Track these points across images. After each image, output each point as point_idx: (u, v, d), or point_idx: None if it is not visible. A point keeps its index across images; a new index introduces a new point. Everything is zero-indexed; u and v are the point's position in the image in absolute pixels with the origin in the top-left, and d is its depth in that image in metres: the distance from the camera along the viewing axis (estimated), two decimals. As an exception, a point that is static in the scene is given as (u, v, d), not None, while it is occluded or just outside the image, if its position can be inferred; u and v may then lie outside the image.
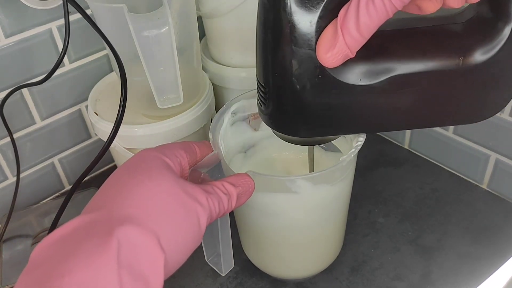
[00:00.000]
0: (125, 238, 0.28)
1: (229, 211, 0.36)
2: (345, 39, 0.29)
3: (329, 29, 0.30)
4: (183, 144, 0.38)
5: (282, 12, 0.31)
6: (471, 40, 0.33)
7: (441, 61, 0.33)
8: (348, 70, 0.33)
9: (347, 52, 0.30)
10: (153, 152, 0.35)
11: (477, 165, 0.61)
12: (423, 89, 0.34)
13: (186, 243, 0.32)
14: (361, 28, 0.29)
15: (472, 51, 0.33)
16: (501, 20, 0.31)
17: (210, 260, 0.44)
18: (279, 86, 0.34)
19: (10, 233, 0.59)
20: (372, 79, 0.33)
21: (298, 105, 0.34)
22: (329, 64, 0.31)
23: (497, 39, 0.32)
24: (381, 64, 0.33)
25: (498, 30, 0.32)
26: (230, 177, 0.37)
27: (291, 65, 0.32)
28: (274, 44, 0.32)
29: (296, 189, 0.42)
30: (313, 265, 0.51)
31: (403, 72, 0.33)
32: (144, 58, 0.48)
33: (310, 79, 0.33)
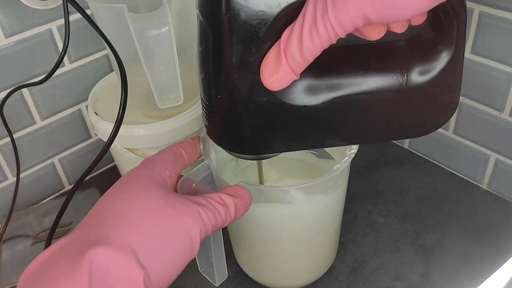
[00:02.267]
0: (97, 259, 0.27)
1: (227, 223, 0.35)
2: (288, 63, 0.29)
3: (272, 53, 0.30)
4: (170, 153, 0.38)
5: (222, 37, 0.30)
6: (413, 58, 0.33)
7: (385, 80, 0.33)
8: (293, 92, 0.33)
9: (291, 76, 0.30)
10: (141, 169, 0.36)
11: (477, 165, 0.61)
12: (367, 108, 0.34)
13: (173, 257, 0.31)
14: (304, 52, 0.29)
15: (414, 69, 0.33)
16: (442, 44, 0.32)
17: (203, 271, 0.43)
18: (222, 108, 0.34)
19: (10, 233, 0.59)
20: (317, 100, 0.33)
21: (243, 126, 0.34)
22: (274, 88, 0.31)
23: (436, 61, 0.32)
24: (325, 84, 0.33)
25: (438, 51, 0.32)
26: (228, 188, 0.37)
27: (234, 89, 0.32)
28: (216, 68, 0.32)
29: (289, 199, 0.42)
30: (307, 275, 0.51)
31: (348, 93, 0.33)
32: (144, 58, 0.48)
33: (254, 102, 0.32)
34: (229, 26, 0.29)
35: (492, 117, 0.56)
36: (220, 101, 0.33)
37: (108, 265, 0.28)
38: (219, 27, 0.30)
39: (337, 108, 0.34)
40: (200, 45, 0.32)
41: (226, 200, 0.35)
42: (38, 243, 0.58)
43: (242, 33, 0.30)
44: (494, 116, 0.56)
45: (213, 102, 0.34)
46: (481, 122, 0.57)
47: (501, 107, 0.55)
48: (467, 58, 0.55)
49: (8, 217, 0.58)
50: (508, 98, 0.53)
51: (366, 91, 0.33)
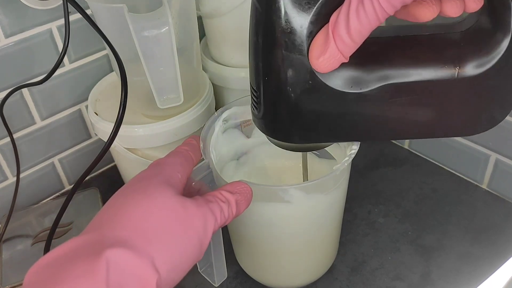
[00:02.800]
0: (114, 260, 0.27)
1: (230, 220, 0.36)
2: (336, 44, 0.29)
3: (320, 35, 0.30)
4: (180, 155, 0.38)
5: (274, 16, 0.30)
6: (468, 50, 0.32)
7: (436, 70, 0.32)
8: (339, 77, 0.32)
9: (339, 57, 0.29)
10: (152, 171, 0.35)
11: (477, 165, 0.61)
12: (416, 99, 0.33)
13: (184, 261, 0.31)
14: (352, 33, 0.28)
15: (468, 62, 0.32)
16: (500, 31, 0.31)
17: (203, 271, 0.43)
18: (269, 91, 0.34)
19: (10, 233, 0.59)
20: (363, 87, 0.32)
21: (289, 111, 0.34)
22: (322, 69, 0.30)
23: (495, 51, 0.31)
24: (373, 72, 0.32)
25: (496, 41, 0.31)
26: (227, 185, 0.37)
27: (282, 70, 0.32)
28: (265, 48, 0.32)
29: (288, 198, 0.41)
30: (307, 274, 0.51)
31: (396, 81, 0.32)
32: (144, 58, 0.48)
33: (301, 84, 0.32)
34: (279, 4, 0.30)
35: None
36: (267, 84, 0.33)
37: (125, 266, 0.28)
38: (270, 8, 0.30)
39: (385, 98, 0.33)
40: (252, 27, 0.33)
41: (227, 196, 0.35)
42: (38, 243, 0.58)
43: (292, 14, 0.30)
44: (494, 116, 0.56)
45: (261, 86, 0.34)
46: (481, 122, 0.57)
47: (501, 107, 0.55)
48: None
49: (8, 217, 0.58)
50: (508, 98, 0.53)
51: (415, 81, 0.32)
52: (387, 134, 0.36)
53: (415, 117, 0.34)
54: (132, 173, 0.60)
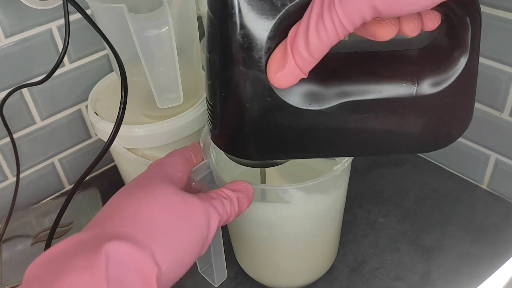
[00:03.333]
0: (113, 253, 0.27)
1: (233, 218, 0.36)
2: (295, 59, 0.28)
3: (279, 50, 0.29)
4: (181, 155, 0.38)
5: (230, 30, 0.30)
6: (426, 68, 0.32)
7: (395, 88, 0.32)
8: (298, 94, 0.32)
9: (298, 72, 0.29)
10: (154, 170, 0.35)
11: (477, 165, 0.61)
12: (375, 117, 0.33)
13: (186, 254, 0.31)
14: (311, 48, 0.28)
15: (427, 80, 0.32)
16: (458, 50, 0.31)
17: (203, 271, 0.43)
18: (226, 107, 0.33)
19: (10, 233, 0.59)
20: (323, 104, 0.32)
21: (247, 128, 0.33)
22: (280, 85, 0.30)
23: (452, 69, 0.31)
24: (332, 89, 0.32)
25: (453, 60, 0.31)
26: (228, 184, 0.37)
27: (239, 86, 0.31)
28: (221, 64, 0.31)
29: (288, 198, 0.41)
30: (307, 274, 0.51)
31: (355, 99, 0.32)
32: (144, 58, 0.48)
33: (259, 101, 0.32)
34: (235, 20, 0.29)
35: (492, 117, 0.56)
36: (223, 100, 0.33)
37: (124, 259, 0.28)
38: (226, 22, 0.29)
39: (344, 115, 0.32)
40: (207, 42, 0.32)
41: (228, 194, 0.36)
42: (38, 243, 0.58)
43: (249, 29, 0.29)
44: (494, 116, 0.56)
45: (217, 102, 0.33)
46: (481, 122, 0.57)
47: (501, 107, 0.55)
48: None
49: (8, 217, 0.58)
50: (508, 98, 0.53)
51: (374, 98, 0.32)
52: (346, 151, 0.36)
53: (375, 134, 0.34)
54: (132, 173, 0.60)
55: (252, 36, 0.29)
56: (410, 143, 0.35)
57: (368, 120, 0.33)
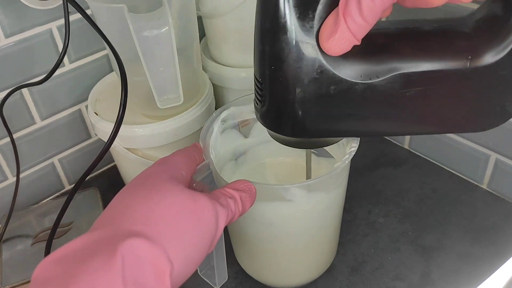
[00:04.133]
0: (128, 251, 0.27)
1: (237, 217, 0.36)
2: (347, 24, 0.28)
3: (331, 16, 0.29)
4: (184, 154, 0.38)
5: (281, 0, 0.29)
6: (480, 39, 0.31)
7: (447, 60, 0.31)
8: (348, 66, 0.31)
9: (350, 38, 0.28)
10: (158, 167, 0.35)
11: (477, 165, 0.61)
12: (427, 90, 0.32)
13: (196, 252, 0.32)
14: (363, 11, 0.27)
15: (480, 51, 0.31)
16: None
17: (203, 273, 0.43)
18: (276, 81, 0.32)
19: (10, 233, 0.59)
20: (374, 77, 0.31)
21: (296, 102, 0.33)
22: (332, 51, 0.29)
23: (507, 38, 0.30)
24: (383, 62, 0.31)
25: (508, 27, 0.30)
26: (231, 184, 0.37)
27: (289, 57, 0.31)
28: (272, 34, 0.31)
29: (290, 197, 0.42)
30: (307, 273, 0.51)
31: (406, 71, 0.31)
32: (144, 58, 0.48)
33: (308, 73, 0.31)
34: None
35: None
36: (273, 73, 0.32)
37: (140, 256, 0.28)
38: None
39: (395, 88, 0.31)
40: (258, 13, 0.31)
41: (232, 193, 0.36)
42: (38, 243, 0.58)
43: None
44: (494, 116, 0.56)
45: (266, 76, 0.32)
46: (481, 122, 0.57)
47: (501, 107, 0.55)
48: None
49: (8, 217, 0.58)
50: (508, 98, 0.53)
51: (425, 71, 0.31)
52: (397, 128, 0.35)
53: (426, 110, 0.33)
54: (132, 173, 0.60)
55: (304, 5, 0.29)
56: (463, 120, 0.34)
57: (420, 94, 0.32)
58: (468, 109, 0.33)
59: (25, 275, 0.54)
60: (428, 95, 0.32)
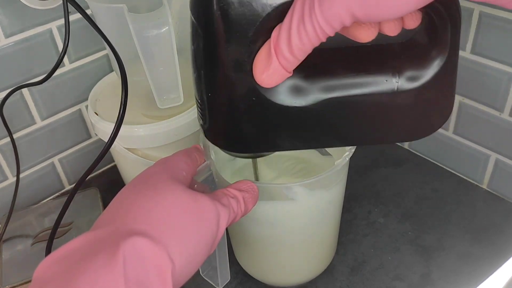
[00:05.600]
0: (130, 250, 0.28)
1: (239, 217, 0.36)
2: (279, 60, 0.29)
3: (263, 51, 0.30)
4: (185, 155, 0.38)
5: (213, 37, 0.30)
6: (406, 63, 0.33)
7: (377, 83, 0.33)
8: (283, 91, 0.32)
9: (283, 72, 0.30)
10: (159, 167, 0.36)
11: (477, 165, 0.61)
12: (358, 111, 0.34)
13: (198, 252, 0.32)
14: (293, 50, 0.28)
15: (407, 75, 0.33)
16: (436, 48, 0.32)
17: (205, 274, 0.43)
18: (213, 107, 0.34)
19: (10, 233, 0.59)
20: (306, 101, 0.33)
21: (233, 125, 0.34)
22: (266, 85, 0.31)
23: (431, 66, 0.32)
24: (316, 84, 0.33)
25: (432, 56, 0.32)
26: (233, 184, 0.38)
27: (224, 87, 0.32)
28: (206, 68, 0.32)
29: (292, 196, 0.42)
30: (307, 271, 0.51)
31: (338, 95, 0.33)
32: (144, 58, 0.48)
33: (244, 101, 0.32)
34: (218, 26, 0.30)
35: (492, 117, 0.56)
36: (210, 99, 0.34)
37: (142, 255, 0.28)
38: (208, 27, 0.30)
39: (327, 110, 0.33)
40: (192, 45, 0.33)
41: (234, 193, 0.36)
42: (38, 243, 0.58)
43: (232, 33, 0.30)
44: (494, 116, 0.56)
45: (204, 100, 0.34)
46: (481, 122, 0.57)
47: (501, 107, 0.55)
48: (467, 58, 0.55)
49: (8, 217, 0.58)
50: (508, 98, 0.53)
51: (357, 94, 0.33)
52: (332, 142, 0.37)
53: (359, 127, 0.35)
54: (132, 173, 0.60)
55: (235, 40, 0.30)
56: (394, 134, 0.36)
57: (352, 115, 0.34)
58: (398, 126, 0.36)
59: (25, 275, 0.54)
60: (360, 114, 0.34)
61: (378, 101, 0.33)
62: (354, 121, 0.35)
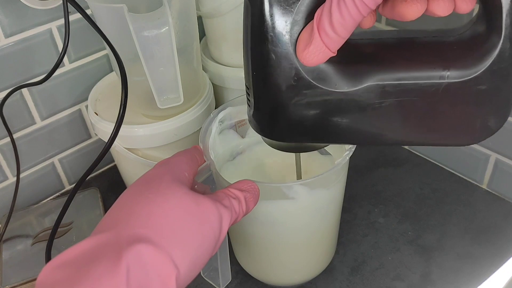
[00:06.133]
0: (134, 258, 0.27)
1: (241, 217, 0.36)
2: (321, 37, 0.29)
3: (306, 29, 0.30)
4: (186, 156, 0.38)
5: (261, 12, 0.31)
6: (459, 54, 0.31)
7: (424, 72, 0.31)
8: (324, 74, 0.32)
9: (325, 50, 0.29)
10: (161, 169, 0.35)
11: (477, 165, 0.61)
12: (403, 102, 0.32)
13: (200, 255, 0.32)
14: (335, 26, 0.28)
15: (459, 65, 0.31)
16: (492, 34, 0.30)
17: (206, 275, 0.43)
18: (257, 87, 0.34)
19: (10, 233, 0.59)
20: (349, 86, 0.32)
21: (275, 107, 0.34)
22: (308, 62, 0.30)
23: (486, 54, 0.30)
24: (358, 72, 0.32)
25: (487, 44, 0.30)
26: (234, 184, 0.37)
27: (267, 64, 0.32)
28: (252, 43, 0.32)
29: (293, 195, 0.42)
30: (307, 271, 0.51)
31: (382, 82, 0.32)
32: (144, 58, 0.48)
33: (286, 80, 0.32)
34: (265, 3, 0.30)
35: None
36: (254, 79, 0.33)
37: (145, 262, 0.28)
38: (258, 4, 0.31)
39: (370, 98, 0.32)
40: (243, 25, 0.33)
41: (236, 193, 0.36)
42: (38, 243, 0.58)
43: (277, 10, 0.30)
44: (494, 116, 0.56)
45: (250, 81, 0.34)
46: (481, 122, 0.57)
47: (501, 107, 0.55)
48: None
49: (8, 217, 0.58)
50: (508, 98, 0.53)
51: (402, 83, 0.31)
52: (375, 139, 0.35)
53: (401, 122, 0.33)
54: (132, 173, 0.60)
55: (280, 16, 0.30)
56: (443, 134, 0.34)
57: (396, 106, 0.32)
58: (447, 123, 0.33)
59: (25, 275, 0.54)
60: (405, 107, 0.32)
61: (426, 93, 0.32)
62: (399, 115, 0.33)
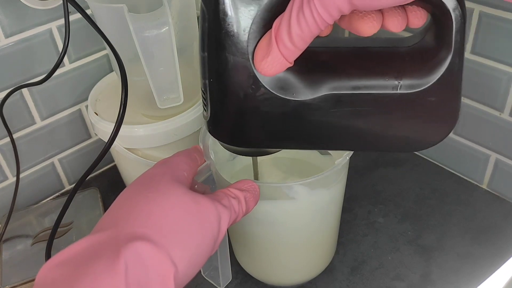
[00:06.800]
0: (132, 255, 0.28)
1: (241, 217, 0.36)
2: (279, 48, 0.29)
3: (264, 39, 0.30)
4: (186, 155, 0.38)
5: (218, 19, 0.31)
6: (411, 65, 0.32)
7: (377, 83, 0.32)
8: (282, 83, 0.32)
9: (282, 61, 0.30)
10: (160, 169, 0.35)
11: (477, 165, 0.61)
12: (358, 112, 0.33)
13: (199, 254, 0.32)
14: (293, 38, 0.28)
15: (410, 77, 0.32)
16: (442, 49, 0.31)
17: (206, 274, 0.43)
18: (214, 93, 0.34)
19: (10, 233, 0.59)
20: (306, 95, 0.33)
21: (231, 114, 0.34)
22: (265, 72, 0.31)
23: (436, 67, 0.31)
24: (316, 81, 0.33)
25: (437, 58, 0.31)
26: (234, 184, 0.37)
27: (224, 72, 0.32)
28: (209, 50, 0.32)
29: (293, 195, 0.42)
30: (307, 270, 0.51)
31: (338, 92, 0.32)
32: (144, 58, 0.48)
33: (243, 88, 0.32)
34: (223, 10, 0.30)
35: (492, 117, 0.56)
36: (211, 86, 0.34)
37: (143, 260, 0.28)
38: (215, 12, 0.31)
39: (326, 108, 0.33)
40: (199, 30, 0.33)
41: (236, 193, 0.36)
42: (38, 243, 0.58)
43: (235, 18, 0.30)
44: (494, 116, 0.56)
45: (206, 87, 0.34)
46: (481, 122, 0.57)
47: (501, 107, 0.55)
48: (467, 58, 0.55)
49: (8, 217, 0.58)
50: (508, 98, 0.53)
51: (356, 93, 0.32)
52: (330, 144, 0.36)
53: (357, 130, 0.34)
54: (132, 173, 0.60)
55: (238, 25, 0.30)
56: (394, 141, 0.36)
57: (351, 115, 0.34)
58: (400, 132, 0.35)
59: (25, 275, 0.54)
60: (359, 115, 0.34)
61: (379, 102, 0.33)
62: (353, 124, 0.34)
